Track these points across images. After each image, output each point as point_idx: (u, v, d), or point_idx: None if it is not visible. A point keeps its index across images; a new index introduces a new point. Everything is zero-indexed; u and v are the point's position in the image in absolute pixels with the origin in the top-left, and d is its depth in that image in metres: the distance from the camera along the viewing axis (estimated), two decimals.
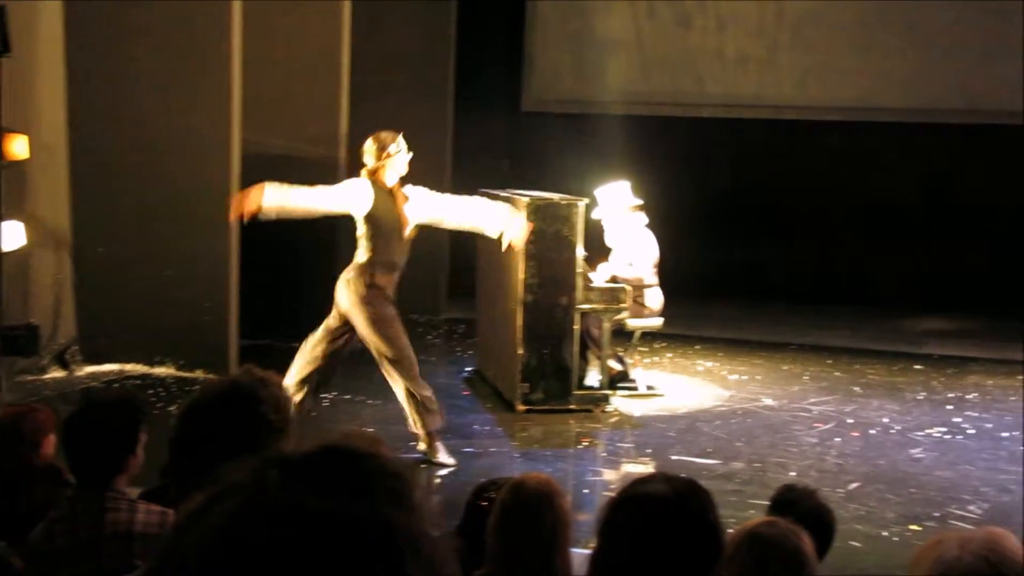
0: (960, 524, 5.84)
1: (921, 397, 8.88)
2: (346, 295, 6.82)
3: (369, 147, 6.84)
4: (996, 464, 7.12)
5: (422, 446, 6.87)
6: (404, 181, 6.94)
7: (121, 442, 2.98)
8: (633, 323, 8.72)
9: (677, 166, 12.30)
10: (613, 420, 8.06)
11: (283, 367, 7.64)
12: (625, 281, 8.49)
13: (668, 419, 8.11)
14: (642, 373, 8.90)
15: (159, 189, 8.78)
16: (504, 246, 7.02)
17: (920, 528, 5.85)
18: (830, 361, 10.08)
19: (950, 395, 8.95)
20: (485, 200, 7.12)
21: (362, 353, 7.18)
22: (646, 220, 8.80)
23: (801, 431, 7.82)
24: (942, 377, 9.58)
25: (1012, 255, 12.29)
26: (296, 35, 10.01)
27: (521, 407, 7.99)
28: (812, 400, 8.69)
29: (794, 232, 13.04)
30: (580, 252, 8.03)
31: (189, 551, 0.77)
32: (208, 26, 8.68)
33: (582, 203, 8.03)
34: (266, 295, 9.72)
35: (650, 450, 7.40)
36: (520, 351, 7.98)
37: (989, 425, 8.05)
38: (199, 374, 8.66)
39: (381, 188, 6.80)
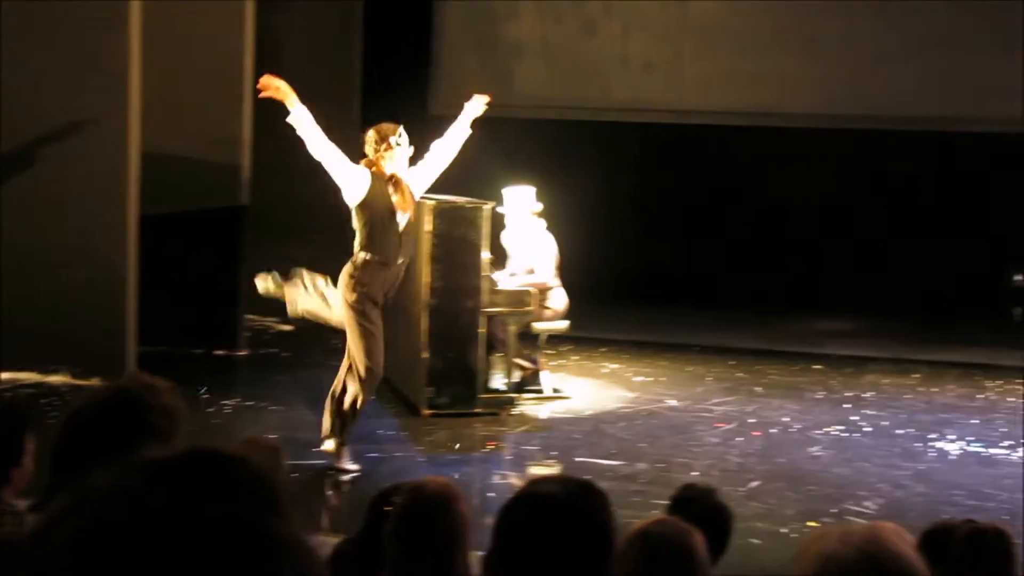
0: (856, 519, 5.97)
1: (820, 396, 9.06)
2: (339, 296, 6.80)
3: (370, 138, 6.83)
4: (891, 460, 7.29)
5: (329, 446, 6.80)
6: None
7: (4, 452, 2.89)
8: (539, 326, 8.76)
9: (583, 170, 12.37)
10: (519, 423, 8.09)
11: (183, 374, 7.54)
12: (530, 285, 8.54)
13: (573, 421, 8.16)
14: (548, 376, 8.94)
15: (54, 191, 8.59)
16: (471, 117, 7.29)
17: (817, 524, 5.96)
18: (733, 362, 10.22)
19: (848, 394, 9.13)
20: (453, 127, 7.26)
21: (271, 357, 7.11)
22: (544, 224, 8.86)
23: (704, 431, 7.92)
24: (840, 377, 9.77)
25: (905, 256, 12.58)
26: (198, 36, 9.88)
27: (426, 411, 7.98)
28: (715, 401, 8.81)
29: (698, 235, 13.20)
30: (485, 255, 8.05)
31: (48, 557, 0.76)
32: (106, 25, 8.53)
33: (487, 206, 8.06)
34: (166, 301, 9.57)
35: (555, 452, 7.44)
36: (425, 355, 7.97)
37: (885, 423, 8.23)
38: (95, 382, 8.50)
39: (379, 179, 6.77)
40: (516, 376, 8.64)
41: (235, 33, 10.02)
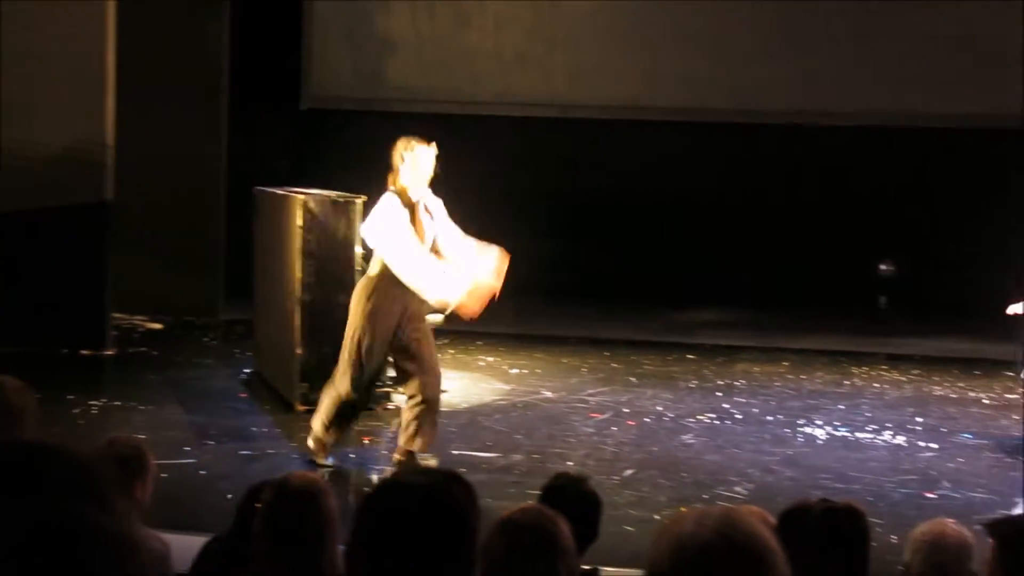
0: (727, 505, 6.06)
1: (693, 385, 9.20)
2: (352, 303, 6.51)
3: (394, 151, 6.47)
4: (761, 447, 7.43)
5: (312, 444, 6.68)
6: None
7: None
8: None
9: (456, 164, 12.27)
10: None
11: (46, 374, 7.33)
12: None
13: (449, 414, 8.13)
14: None
15: None
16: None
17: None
18: (607, 353, 10.32)
19: (720, 383, 9.29)
20: (469, 252, 6.67)
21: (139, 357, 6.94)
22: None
23: (579, 422, 7.98)
24: (712, 366, 9.93)
25: (776, 247, 12.86)
26: (59, 34, 9.60)
27: (300, 407, 7.88)
28: (590, 391, 8.88)
29: (571, 228, 13.29)
30: (358, 250, 7.98)
31: None
32: None
33: (359, 200, 7.98)
34: (28, 299, 9.28)
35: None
36: (299, 351, 7.87)
37: (755, 410, 8.40)
38: None
39: (403, 198, 6.40)
40: (391, 371, 8.57)
41: (96, 29, 9.75)
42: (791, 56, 12.43)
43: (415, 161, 6.49)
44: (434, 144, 6.59)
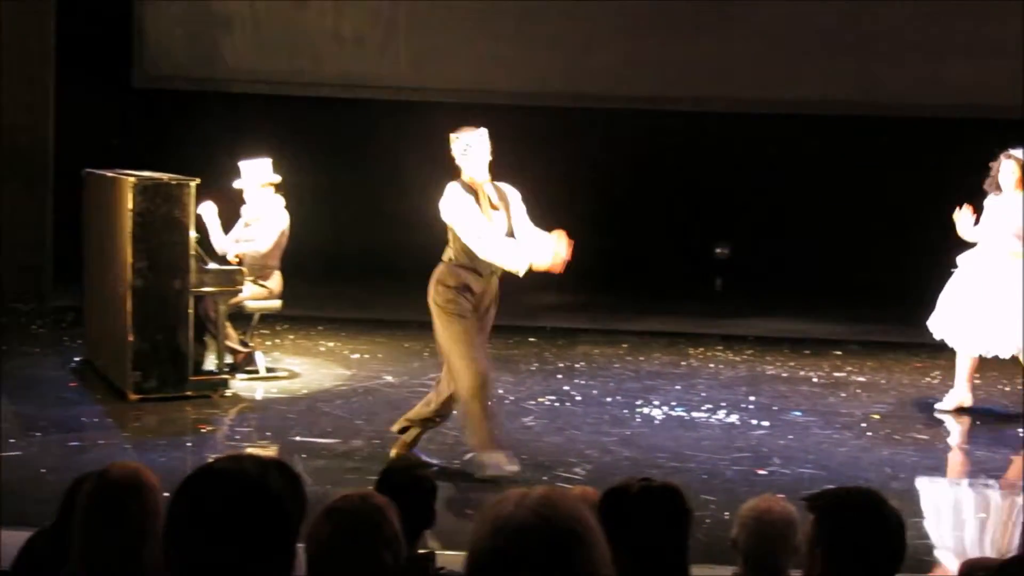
0: (566, 485, 6.12)
1: (534, 368, 9.27)
2: (429, 297, 6.47)
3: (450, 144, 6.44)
4: (600, 428, 7.53)
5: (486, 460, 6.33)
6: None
7: None
8: (252, 305, 8.57)
9: (295, 146, 12.13)
10: (233, 405, 7.90)
11: None
12: (250, 260, 8.37)
13: (289, 401, 8.04)
14: (262, 356, 8.76)
15: None
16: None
17: None
18: None
19: (560, 365, 9.38)
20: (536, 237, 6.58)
21: None
22: (283, 201, 8.68)
23: None
24: (553, 348, 10.03)
25: (617, 230, 13.03)
26: None
27: (134, 396, 7.68)
28: (432, 376, 8.80)
29: (411, 212, 13.23)
30: (192, 234, 7.81)
31: None
32: None
33: (194, 183, 7.79)
34: None
35: (270, 433, 7.32)
36: (131, 338, 7.66)
37: (595, 392, 8.50)
38: None
39: (470, 188, 6.41)
40: (229, 357, 8.43)
41: None
42: (629, 42, 12.59)
43: (466, 149, 6.49)
44: (483, 129, 6.63)
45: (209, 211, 8.30)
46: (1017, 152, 7.81)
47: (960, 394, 8.06)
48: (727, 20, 12.51)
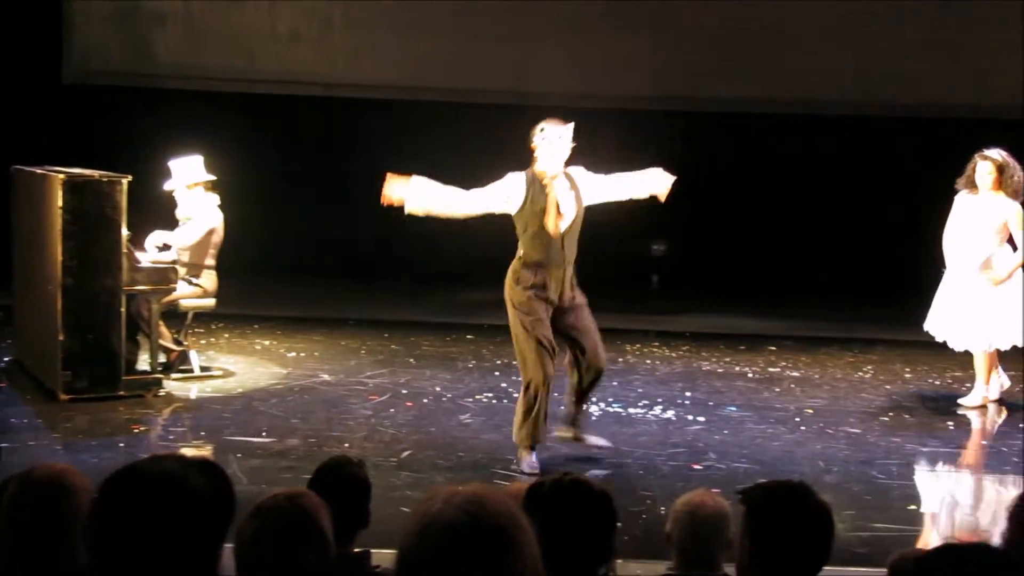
0: (502, 483, 6.12)
1: (472, 365, 9.26)
2: (504, 292, 6.51)
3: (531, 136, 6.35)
4: None
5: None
6: None
7: None
8: (185, 303, 8.48)
9: (230, 143, 12.03)
10: (166, 404, 7.82)
11: None
12: (182, 261, 8.29)
13: (223, 400, 7.97)
14: (196, 355, 8.67)
15: None
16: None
17: None
18: (387, 335, 10.28)
19: (498, 362, 9.38)
20: (639, 182, 6.76)
21: None
22: (218, 200, 8.58)
23: (357, 404, 7.93)
24: (491, 345, 10.01)
25: None
26: None
27: (64, 396, 7.57)
28: (368, 373, 8.83)
29: (351, 209, 13.16)
30: (125, 232, 7.71)
31: None
32: None
33: (125, 180, 7.69)
34: None
35: (204, 433, 7.25)
36: (61, 337, 7.55)
37: None
38: None
39: (537, 180, 6.37)
40: (162, 356, 8.33)
41: None
42: (568, 39, 12.60)
43: (543, 139, 6.47)
44: (570, 124, 6.58)
45: (153, 241, 8.23)
46: (993, 153, 7.88)
47: (982, 390, 8.14)
48: (663, 19, 12.57)
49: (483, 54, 12.63)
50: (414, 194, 6.56)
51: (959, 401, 8.18)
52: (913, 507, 6.16)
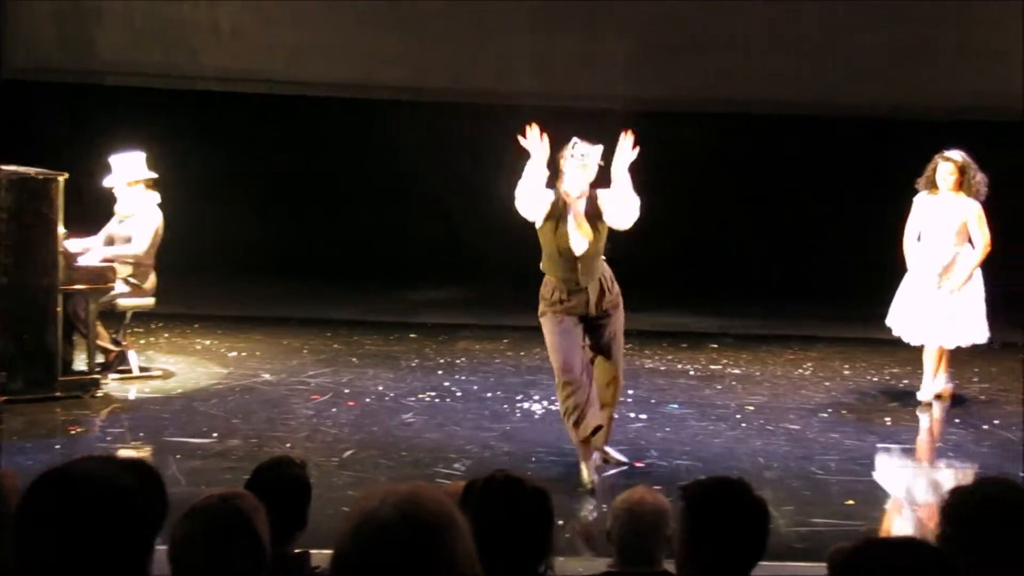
0: (445, 481, 6.11)
1: (415, 364, 9.23)
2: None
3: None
4: (480, 424, 7.54)
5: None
6: None
7: None
8: (124, 303, 8.38)
9: (173, 140, 11.91)
10: (104, 405, 7.73)
11: None
12: (122, 259, 8.18)
13: (163, 400, 7.90)
14: (135, 355, 8.58)
15: None
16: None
17: None
18: (329, 334, 10.23)
19: (441, 360, 9.37)
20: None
21: None
22: (158, 198, 8.48)
23: (299, 404, 7.88)
24: (434, 344, 10.00)
25: (495, 227, 13.04)
26: None
27: None
28: (311, 373, 8.78)
29: (295, 207, 13.10)
30: (62, 230, 7.61)
31: None
32: None
33: (62, 178, 7.59)
34: None
35: (143, 433, 7.18)
36: None
37: (475, 387, 8.51)
38: None
39: (560, 199, 6.22)
40: (100, 356, 8.23)
41: None
42: (513, 37, 12.59)
43: (570, 157, 6.25)
44: (599, 147, 6.33)
45: (74, 246, 8.09)
46: (954, 154, 7.94)
47: (932, 384, 8.22)
48: (616, 16, 12.56)
49: (431, 52, 12.59)
50: (540, 157, 6.26)
51: (918, 396, 8.24)
52: (851, 502, 6.23)
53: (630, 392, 8.45)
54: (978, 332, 8.07)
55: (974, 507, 2.42)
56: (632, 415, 7.84)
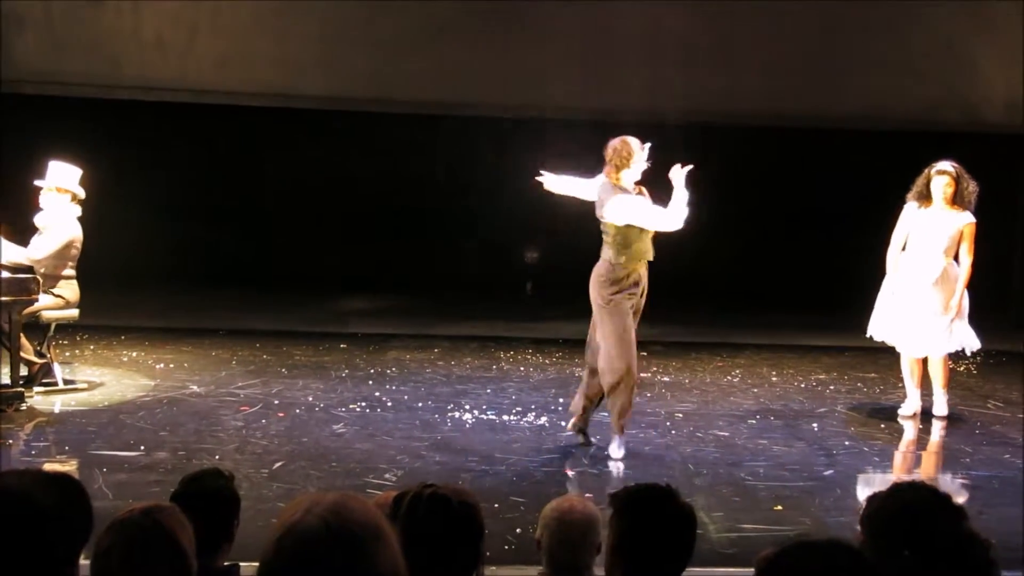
0: (376, 492, 6.08)
1: (345, 374, 9.19)
2: (593, 292, 7.12)
3: (618, 149, 6.92)
4: (411, 433, 7.52)
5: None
6: None
7: None
8: (48, 315, 8.26)
9: (92, 149, 11.77)
10: (29, 418, 7.59)
11: None
12: (32, 262, 8.06)
13: (89, 413, 7.77)
14: (60, 367, 8.45)
15: None
16: None
17: None
18: (258, 345, 10.15)
19: (372, 371, 9.33)
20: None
21: None
22: (79, 212, 8.38)
23: (228, 415, 7.80)
24: (365, 354, 9.96)
25: (428, 236, 13.04)
26: None
27: None
28: (239, 384, 8.70)
29: (220, 217, 12.99)
30: None
31: None
32: None
33: None
34: None
35: (68, 447, 7.06)
36: None
37: (406, 397, 8.49)
38: None
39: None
40: (24, 369, 8.08)
41: None
42: (439, 46, 12.58)
43: (642, 162, 7.00)
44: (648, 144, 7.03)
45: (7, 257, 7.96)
46: (947, 166, 7.86)
47: (917, 397, 8.24)
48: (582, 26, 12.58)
49: (352, 59, 12.54)
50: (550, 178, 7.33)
51: (900, 411, 8.25)
52: (779, 508, 6.29)
53: (561, 400, 8.49)
54: (969, 338, 8.02)
55: (890, 513, 2.46)
56: (563, 424, 7.86)
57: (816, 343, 10.88)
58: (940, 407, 8.27)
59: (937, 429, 8.12)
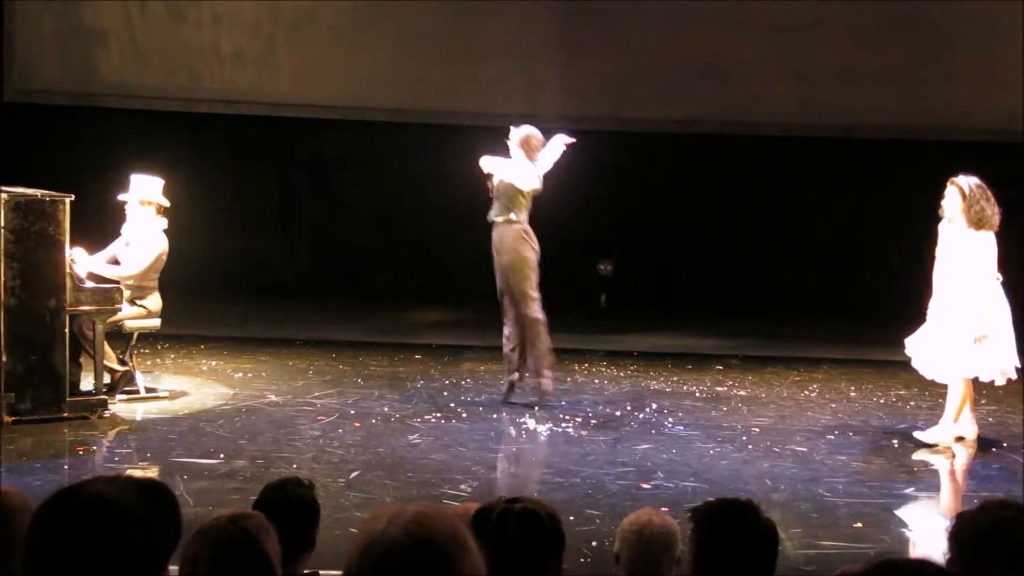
0: (452, 503, 6.11)
1: (420, 385, 9.23)
2: (515, 256, 8.83)
3: (535, 139, 8.73)
4: (486, 444, 7.54)
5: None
6: None
7: None
8: (130, 324, 8.41)
9: (176, 161, 11.97)
10: (112, 426, 7.73)
11: None
12: (123, 279, 8.21)
13: (170, 421, 7.89)
14: (142, 376, 8.59)
15: None
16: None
17: None
18: (335, 355, 10.23)
19: (446, 382, 9.37)
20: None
21: None
22: (165, 224, 8.54)
23: (305, 425, 7.88)
24: (439, 365, 10.00)
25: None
26: None
27: (8, 418, 7.46)
28: (316, 394, 8.78)
29: (298, 229, 13.14)
30: (68, 252, 7.63)
31: None
32: None
33: (68, 199, 7.62)
34: None
35: (150, 454, 7.18)
36: (4, 358, 7.44)
37: (481, 408, 8.50)
38: None
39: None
40: (107, 378, 8.24)
41: None
42: (510, 57, 12.62)
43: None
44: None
45: (80, 257, 8.11)
46: (959, 179, 7.61)
47: (951, 425, 7.77)
48: (608, 41, 12.63)
49: (430, 73, 12.62)
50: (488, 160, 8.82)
51: (915, 435, 7.84)
52: (859, 525, 6.21)
53: (636, 414, 8.45)
54: (1007, 364, 7.58)
55: (979, 531, 2.42)
56: (638, 436, 7.83)
57: (895, 358, 10.70)
58: (929, 434, 7.75)
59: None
